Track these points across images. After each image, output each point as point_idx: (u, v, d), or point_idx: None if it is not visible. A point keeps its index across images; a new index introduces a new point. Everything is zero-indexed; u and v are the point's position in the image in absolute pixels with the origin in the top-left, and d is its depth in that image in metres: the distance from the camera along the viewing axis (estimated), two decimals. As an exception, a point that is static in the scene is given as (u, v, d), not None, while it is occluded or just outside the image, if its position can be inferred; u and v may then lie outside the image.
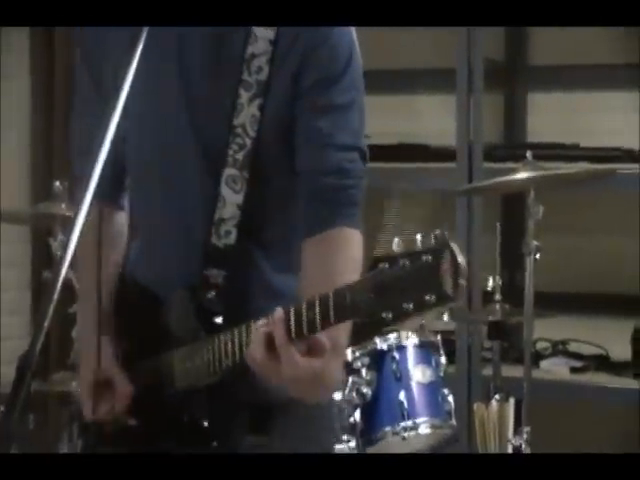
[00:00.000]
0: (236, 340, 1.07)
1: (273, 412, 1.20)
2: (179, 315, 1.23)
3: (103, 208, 1.20)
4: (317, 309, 0.92)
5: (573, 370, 3.02)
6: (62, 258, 0.90)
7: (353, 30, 1.19)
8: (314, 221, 1.16)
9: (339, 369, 1.15)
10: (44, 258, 2.84)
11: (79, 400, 1.34)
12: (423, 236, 0.84)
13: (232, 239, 1.19)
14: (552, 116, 3.46)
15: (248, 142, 1.18)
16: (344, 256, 1.13)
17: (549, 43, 3.37)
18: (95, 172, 0.93)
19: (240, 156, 1.18)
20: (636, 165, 2.87)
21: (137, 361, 1.27)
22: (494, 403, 2.41)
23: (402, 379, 2.08)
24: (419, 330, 2.16)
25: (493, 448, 2.39)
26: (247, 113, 1.17)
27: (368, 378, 2.07)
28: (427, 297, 0.81)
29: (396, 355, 2.10)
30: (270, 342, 0.96)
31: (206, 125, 1.20)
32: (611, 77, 3.28)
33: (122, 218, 1.35)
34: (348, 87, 1.17)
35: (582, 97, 3.34)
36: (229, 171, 1.18)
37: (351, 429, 2.06)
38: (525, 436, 2.25)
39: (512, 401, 2.42)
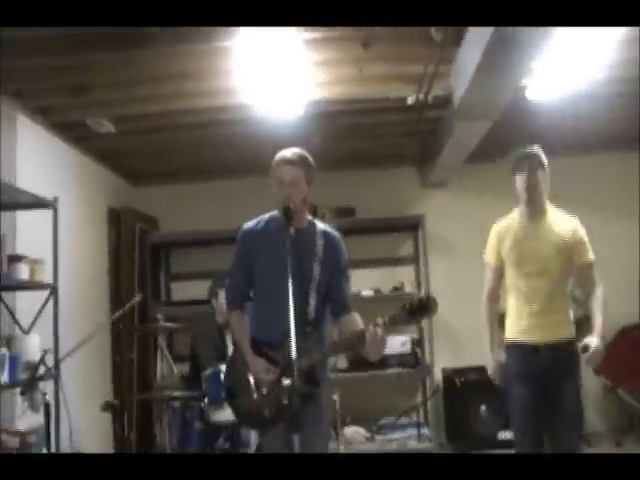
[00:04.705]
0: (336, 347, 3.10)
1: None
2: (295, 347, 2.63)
3: (242, 313, 3.08)
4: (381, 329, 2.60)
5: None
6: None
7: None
8: (343, 311, 3.01)
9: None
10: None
11: (258, 377, 2.90)
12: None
13: (313, 316, 2.91)
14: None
15: (315, 284, 2.94)
16: (359, 321, 2.94)
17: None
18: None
19: (314, 287, 2.94)
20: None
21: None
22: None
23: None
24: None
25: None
26: (315, 273, 2.94)
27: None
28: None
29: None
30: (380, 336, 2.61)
31: (302, 271, 2.86)
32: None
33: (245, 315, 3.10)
34: (348, 270, 3.07)
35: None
36: (312, 293, 2.92)
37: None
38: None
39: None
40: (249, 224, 3.12)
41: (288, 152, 3.01)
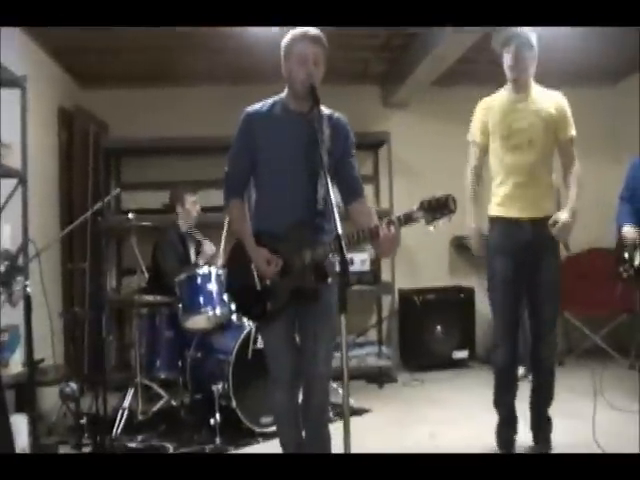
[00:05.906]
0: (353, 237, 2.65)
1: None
2: (300, 234, 2.80)
3: (242, 202, 2.95)
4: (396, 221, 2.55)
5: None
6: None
7: None
8: (353, 196, 2.91)
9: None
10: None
11: (259, 268, 2.82)
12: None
13: (322, 207, 2.76)
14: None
15: (325, 168, 2.59)
16: (372, 213, 2.89)
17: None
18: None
19: (323, 173, 2.61)
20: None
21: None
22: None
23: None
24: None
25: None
26: (324, 162, 2.60)
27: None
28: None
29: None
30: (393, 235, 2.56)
31: (311, 158, 2.72)
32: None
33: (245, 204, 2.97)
34: (354, 151, 2.93)
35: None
36: (320, 178, 2.71)
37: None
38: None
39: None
40: (253, 107, 2.92)
41: (309, 29, 2.83)
